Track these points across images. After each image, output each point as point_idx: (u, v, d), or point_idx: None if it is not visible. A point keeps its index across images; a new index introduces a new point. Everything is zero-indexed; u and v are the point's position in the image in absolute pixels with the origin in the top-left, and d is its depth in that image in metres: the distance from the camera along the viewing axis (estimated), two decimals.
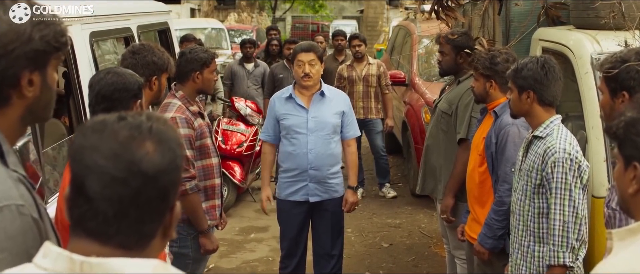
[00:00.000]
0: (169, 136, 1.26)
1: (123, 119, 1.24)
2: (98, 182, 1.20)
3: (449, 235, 4.66)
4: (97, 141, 1.22)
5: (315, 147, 4.55)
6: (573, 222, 3.06)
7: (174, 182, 1.27)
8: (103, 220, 1.22)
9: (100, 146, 1.21)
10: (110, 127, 1.23)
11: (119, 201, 1.21)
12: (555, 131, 3.16)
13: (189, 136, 3.81)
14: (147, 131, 1.24)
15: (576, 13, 4.02)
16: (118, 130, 1.23)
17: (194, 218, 3.88)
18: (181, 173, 1.29)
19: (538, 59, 3.24)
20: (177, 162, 1.27)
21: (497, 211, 3.64)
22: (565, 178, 3.06)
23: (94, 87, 2.56)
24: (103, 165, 1.20)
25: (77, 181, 1.22)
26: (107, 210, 1.21)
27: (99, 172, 1.20)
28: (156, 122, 1.26)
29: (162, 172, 1.23)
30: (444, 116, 4.52)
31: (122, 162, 1.20)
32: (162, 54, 3.34)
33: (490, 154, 3.73)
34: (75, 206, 1.23)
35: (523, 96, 3.22)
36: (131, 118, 1.25)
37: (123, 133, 1.22)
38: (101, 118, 1.26)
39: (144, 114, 1.27)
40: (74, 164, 1.23)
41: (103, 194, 1.20)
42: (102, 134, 1.22)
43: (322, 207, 4.70)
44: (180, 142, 1.29)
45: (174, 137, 1.27)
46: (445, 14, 4.63)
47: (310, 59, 4.54)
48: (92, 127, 1.24)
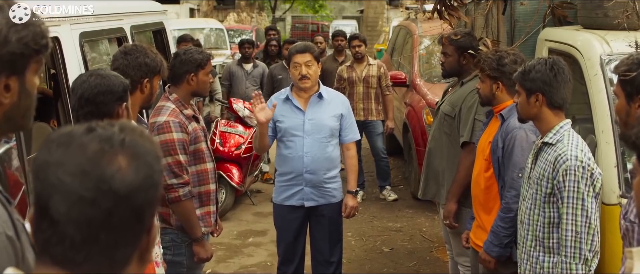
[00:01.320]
0: (145, 149, 1.12)
1: (92, 131, 1.10)
2: (63, 203, 1.06)
3: (452, 241, 4.52)
4: (62, 155, 1.07)
5: (311, 151, 4.42)
6: (586, 232, 2.94)
7: (150, 202, 1.12)
8: (70, 246, 1.07)
9: (66, 162, 1.07)
10: (78, 140, 1.09)
11: (87, 224, 1.06)
12: (566, 136, 3.03)
13: (183, 141, 3.69)
14: (119, 144, 1.09)
15: (584, 13, 3.88)
16: (86, 143, 1.08)
17: (188, 225, 3.75)
18: (159, 191, 1.15)
19: (546, 60, 3.12)
20: (154, 179, 1.12)
21: (503, 218, 3.51)
22: (577, 187, 2.93)
23: (77, 90, 2.41)
24: (69, 183, 1.06)
25: (41, 201, 1.08)
26: (75, 234, 1.07)
27: (65, 191, 1.06)
28: (130, 133, 1.11)
29: (137, 191, 1.09)
30: (446, 119, 4.39)
31: (90, 180, 1.06)
32: (154, 55, 3.20)
33: (497, 159, 3.60)
34: (40, 229, 1.09)
35: (531, 99, 3.09)
36: (101, 129, 1.10)
37: (92, 147, 1.08)
38: (68, 130, 1.11)
39: (116, 124, 1.13)
40: (37, 182, 1.08)
41: (69, 217, 1.06)
42: (68, 147, 1.08)
43: (319, 212, 4.57)
44: (158, 155, 1.14)
45: (151, 151, 1.13)
46: (448, 13, 4.49)
47: (307, 60, 4.40)
48: (57, 140, 1.09)
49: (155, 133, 3.65)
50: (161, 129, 3.65)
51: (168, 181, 3.64)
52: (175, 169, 3.65)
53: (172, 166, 3.64)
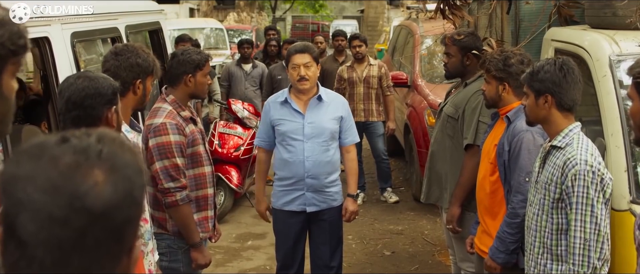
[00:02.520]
0: (125, 162, 1.00)
1: (66, 142, 0.99)
2: (32, 222, 0.94)
3: (455, 246, 4.42)
4: (32, 169, 0.96)
5: (312, 155, 4.31)
6: (595, 240, 2.83)
7: (130, 220, 1.01)
8: (39, 270, 0.96)
9: (35, 176, 0.95)
10: (50, 151, 0.97)
11: (58, 245, 0.95)
12: (576, 140, 2.92)
13: (180, 143, 3.58)
14: (95, 156, 0.98)
15: (591, 12, 3.77)
16: (59, 155, 0.97)
17: (185, 230, 3.65)
18: (141, 208, 1.03)
19: (555, 60, 3.01)
20: (135, 195, 1.01)
21: (510, 224, 3.41)
22: (586, 192, 2.82)
23: (64, 93, 2.29)
24: (38, 200, 0.94)
25: (8, 220, 0.96)
26: (44, 257, 0.96)
27: (34, 209, 0.94)
28: (109, 144, 1.00)
29: (115, 208, 0.98)
30: (450, 121, 4.28)
31: (62, 196, 0.94)
32: (147, 55, 3.09)
33: (503, 163, 3.50)
34: (7, 251, 0.98)
35: (540, 101, 2.99)
36: (76, 140, 0.99)
37: (65, 159, 0.97)
38: (39, 140, 1.00)
39: (93, 134, 1.01)
40: (4, 198, 0.97)
41: (38, 238, 0.95)
42: (39, 160, 0.97)
43: (319, 217, 4.45)
44: (140, 168, 1.03)
45: (132, 163, 1.02)
46: (451, 12, 4.38)
47: (306, 62, 4.29)
48: (28, 152, 0.98)
49: (151, 135, 3.55)
50: (158, 131, 3.55)
51: (165, 184, 3.54)
52: (172, 172, 3.55)
53: (169, 169, 3.54)
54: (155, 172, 3.55)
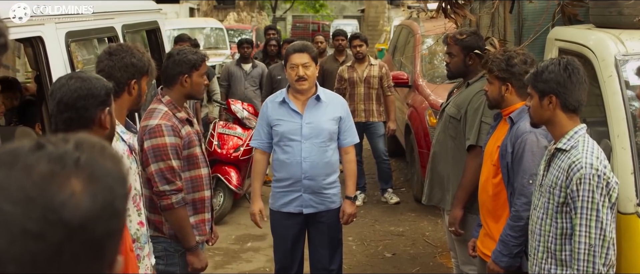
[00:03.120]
0: (106, 170, 0.93)
1: (41, 148, 0.91)
2: (4, 237, 0.87)
3: (457, 249, 4.35)
4: (3, 178, 0.88)
5: (310, 156, 4.24)
6: (600, 245, 2.76)
7: (111, 233, 0.94)
8: None
9: (7, 186, 0.88)
10: (23, 159, 0.90)
11: (32, 262, 0.88)
12: (581, 142, 2.85)
13: (176, 145, 3.52)
14: (73, 164, 0.90)
15: (596, 11, 3.69)
16: (33, 164, 0.90)
17: (181, 234, 3.58)
18: (122, 220, 0.96)
19: (560, 60, 2.94)
20: (116, 206, 0.93)
21: (513, 227, 3.34)
22: (592, 196, 2.74)
23: (55, 94, 2.22)
24: (10, 212, 0.87)
25: None
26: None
27: (5, 222, 0.87)
28: (88, 151, 0.92)
29: (93, 221, 0.90)
30: (452, 121, 4.21)
31: (36, 208, 0.87)
32: (141, 55, 3.01)
33: (506, 165, 3.43)
34: None
35: (544, 102, 2.92)
36: (52, 147, 0.92)
37: (40, 168, 0.89)
38: (13, 147, 0.92)
39: (72, 140, 0.94)
40: None
41: (10, 253, 0.87)
42: (11, 169, 0.89)
43: (317, 219, 4.38)
44: (122, 177, 0.96)
45: (114, 171, 0.94)
46: (453, 11, 4.31)
47: (304, 62, 4.22)
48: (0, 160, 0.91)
49: (146, 137, 3.49)
50: (153, 132, 3.49)
51: (160, 187, 3.48)
52: (167, 175, 3.48)
53: (164, 171, 3.47)
54: (151, 175, 3.49)
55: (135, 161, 3.00)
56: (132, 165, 2.96)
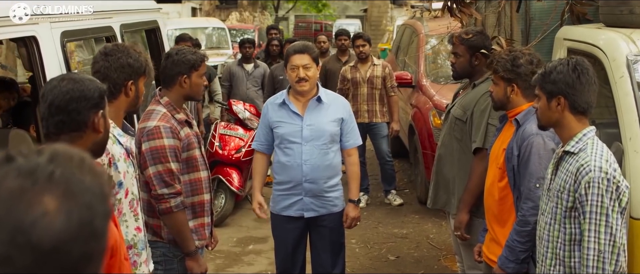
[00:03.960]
0: (84, 186, 0.84)
1: (10, 161, 0.82)
2: None
3: (462, 253, 4.26)
4: None
5: (311, 158, 4.14)
6: (610, 252, 2.66)
7: (89, 256, 0.84)
8: None
9: None
10: None
11: None
12: (590, 145, 2.76)
13: (174, 147, 3.43)
14: (45, 179, 0.81)
15: (607, 10, 3.60)
16: (1, 178, 0.81)
17: (180, 238, 3.49)
18: (102, 241, 0.86)
19: (569, 60, 2.85)
20: (95, 226, 0.84)
21: (519, 232, 3.25)
22: (601, 201, 2.65)
23: (46, 96, 2.12)
24: None
25: None
26: None
27: None
28: (63, 164, 0.83)
29: (69, 243, 0.81)
30: (457, 123, 4.12)
31: (3, 229, 0.78)
32: (138, 55, 2.92)
33: (512, 168, 3.33)
34: None
35: (552, 103, 2.82)
36: (23, 159, 0.83)
37: (8, 184, 0.80)
38: None
39: (46, 152, 0.85)
40: None
41: None
42: None
43: (319, 223, 4.29)
44: (103, 193, 0.86)
45: (92, 187, 0.85)
46: (459, 10, 4.21)
47: (305, 63, 4.12)
48: None
49: (144, 139, 3.40)
50: (151, 134, 3.40)
51: (158, 190, 3.39)
52: (166, 178, 3.40)
53: (162, 174, 3.39)
54: (149, 178, 3.41)
55: (132, 164, 2.92)
56: (129, 169, 2.88)
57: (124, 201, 2.85)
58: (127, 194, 2.85)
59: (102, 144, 2.21)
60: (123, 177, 2.81)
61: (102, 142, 2.20)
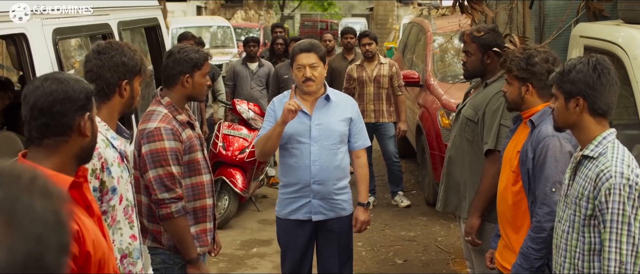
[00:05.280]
0: (34, 214, 0.69)
1: None
2: None
3: (474, 259, 4.10)
4: None
5: (320, 159, 3.99)
6: (632, 263, 2.51)
7: None
8: None
9: None
10: None
11: None
12: (610, 149, 2.60)
13: (176, 150, 3.29)
14: None
15: (625, 5, 3.45)
16: None
17: (181, 245, 3.36)
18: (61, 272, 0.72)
19: (588, 59, 2.69)
20: (46, 260, 0.69)
21: (534, 239, 3.09)
22: (622, 208, 2.50)
23: (29, 98, 1.97)
24: None
25: None
26: None
27: None
28: (8, 186, 0.69)
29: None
30: (469, 124, 3.96)
31: None
32: (133, 53, 2.78)
33: (526, 171, 3.18)
34: None
35: (571, 104, 2.67)
36: None
37: None
38: None
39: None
40: None
41: None
42: None
43: (327, 227, 4.14)
44: (59, 221, 0.71)
45: (46, 215, 0.70)
46: (470, 7, 4.06)
47: (312, 62, 3.97)
48: None
49: (145, 141, 3.26)
50: (151, 136, 3.26)
51: (159, 195, 3.25)
52: (166, 182, 3.25)
53: (163, 178, 3.25)
54: (149, 182, 3.27)
55: (126, 169, 2.78)
56: (124, 173, 2.74)
57: (118, 207, 2.70)
58: (121, 200, 2.71)
59: (90, 149, 2.06)
60: (117, 183, 2.67)
61: (89, 147, 2.05)
